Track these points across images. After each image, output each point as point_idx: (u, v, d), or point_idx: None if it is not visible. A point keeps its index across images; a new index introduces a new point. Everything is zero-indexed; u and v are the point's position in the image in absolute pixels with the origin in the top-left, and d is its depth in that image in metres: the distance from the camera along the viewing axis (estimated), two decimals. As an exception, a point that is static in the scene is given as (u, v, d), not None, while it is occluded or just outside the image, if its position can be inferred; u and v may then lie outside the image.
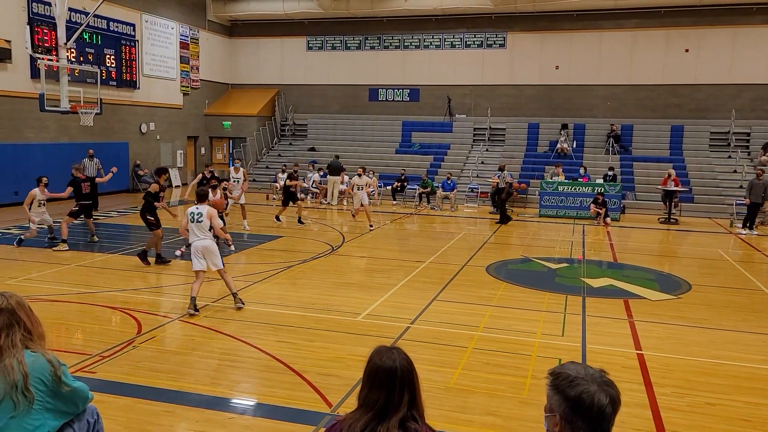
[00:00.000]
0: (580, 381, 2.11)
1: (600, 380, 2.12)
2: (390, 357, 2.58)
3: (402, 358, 2.59)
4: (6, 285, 9.53)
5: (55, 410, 3.28)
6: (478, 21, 27.48)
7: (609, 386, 2.12)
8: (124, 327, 7.86)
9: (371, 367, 2.59)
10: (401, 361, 2.57)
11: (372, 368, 2.58)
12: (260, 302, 9.05)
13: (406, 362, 2.58)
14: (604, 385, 2.11)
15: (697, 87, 25.41)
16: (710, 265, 13.15)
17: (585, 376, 2.12)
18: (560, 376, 2.16)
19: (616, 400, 2.11)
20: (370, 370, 2.59)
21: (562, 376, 2.15)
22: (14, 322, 3.27)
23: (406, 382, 2.54)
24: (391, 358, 2.57)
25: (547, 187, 20.53)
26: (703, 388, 6.29)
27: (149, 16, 25.34)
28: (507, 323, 8.34)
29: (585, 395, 2.08)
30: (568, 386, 2.12)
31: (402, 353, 2.63)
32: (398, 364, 2.55)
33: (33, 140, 20.02)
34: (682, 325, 8.50)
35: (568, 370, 2.16)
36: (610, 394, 2.10)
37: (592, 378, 2.12)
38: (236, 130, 29.31)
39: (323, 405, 5.62)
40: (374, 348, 2.69)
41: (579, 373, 2.14)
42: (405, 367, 2.56)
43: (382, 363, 2.56)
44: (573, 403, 2.09)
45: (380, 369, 2.55)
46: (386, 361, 2.56)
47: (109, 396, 5.58)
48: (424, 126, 28.13)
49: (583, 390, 2.09)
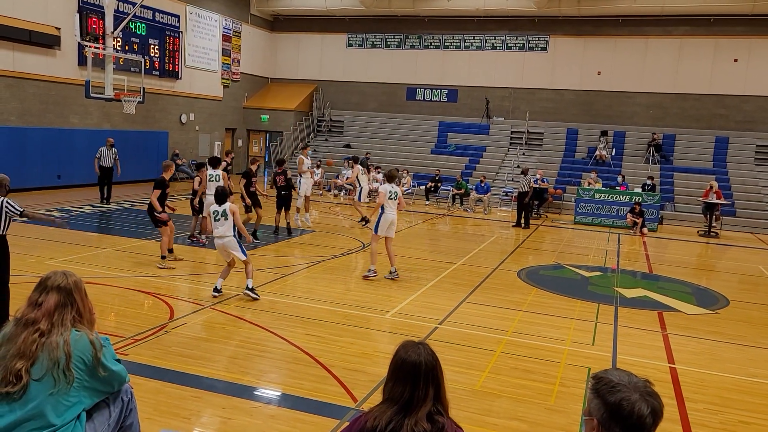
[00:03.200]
0: (622, 388, 2.07)
1: (643, 389, 2.08)
2: (415, 351, 2.59)
3: (427, 353, 2.60)
4: (46, 265, 9.78)
5: (91, 389, 3.34)
6: (520, 23, 27.22)
7: (652, 397, 2.07)
8: (157, 312, 7.99)
9: (396, 361, 2.61)
10: (426, 355, 2.58)
11: (397, 362, 2.60)
12: (290, 295, 9.11)
13: (431, 357, 2.58)
14: (647, 395, 2.06)
15: (744, 98, 24.72)
16: (750, 281, 12.79)
17: (627, 384, 2.08)
18: (602, 381, 2.12)
19: (658, 411, 2.06)
20: (396, 363, 2.61)
21: (604, 381, 2.11)
22: (69, 302, 3.36)
23: (431, 377, 2.54)
24: (416, 353, 2.58)
25: (584, 194, 20.23)
26: (738, 406, 6.11)
27: (194, 8, 25.73)
28: (537, 329, 8.23)
29: (625, 402, 2.04)
30: (608, 391, 2.08)
31: (427, 348, 2.63)
32: (423, 359, 2.56)
33: (77, 126, 20.52)
34: (718, 341, 8.27)
35: (611, 376, 2.12)
36: (652, 405, 2.05)
37: (635, 386, 2.08)
38: (273, 123, 29.58)
39: (348, 399, 5.62)
40: (401, 342, 2.70)
41: (622, 379, 2.10)
42: (429, 362, 2.57)
43: (407, 357, 2.58)
44: (612, 410, 2.05)
45: (405, 363, 2.57)
46: (411, 356, 2.58)
47: (139, 378, 5.67)
48: (460, 127, 27.97)
49: (623, 397, 2.04)
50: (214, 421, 5.18)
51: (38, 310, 3.30)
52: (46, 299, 3.32)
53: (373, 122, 29.44)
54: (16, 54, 18.18)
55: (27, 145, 18.62)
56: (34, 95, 18.96)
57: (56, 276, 3.40)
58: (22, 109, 18.62)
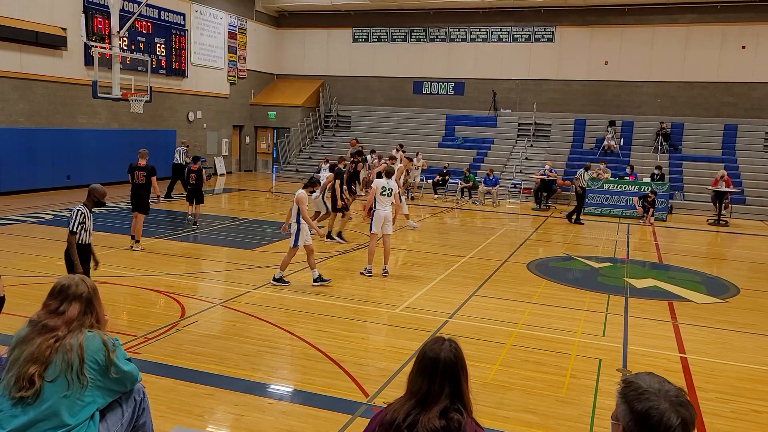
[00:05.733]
0: (651, 396, 1.94)
1: (674, 399, 1.94)
2: (438, 347, 2.61)
3: (449, 349, 2.60)
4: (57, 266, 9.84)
5: (104, 389, 3.37)
6: (526, 14, 27.08)
7: (683, 407, 1.93)
8: (168, 310, 8.06)
9: (420, 355, 2.65)
10: (446, 352, 2.58)
11: (420, 355, 2.64)
12: (301, 291, 9.15)
13: (452, 354, 2.58)
14: (678, 405, 1.92)
15: (753, 85, 24.51)
16: (761, 269, 12.72)
17: (657, 391, 1.95)
18: (631, 386, 1.99)
19: (689, 423, 1.91)
20: (419, 357, 2.65)
21: (633, 387, 1.99)
22: (89, 311, 3.42)
23: (448, 374, 2.54)
24: (438, 349, 2.60)
25: (593, 184, 20.15)
26: (750, 394, 6.10)
27: (199, 5, 25.77)
28: (547, 321, 8.23)
29: (653, 412, 1.91)
30: (636, 398, 1.95)
31: (452, 345, 2.63)
32: (442, 356, 2.57)
33: (85, 126, 20.63)
34: (729, 329, 8.25)
35: (641, 381, 2.00)
36: (683, 416, 1.91)
37: (665, 395, 1.94)
38: (280, 120, 29.61)
39: (360, 395, 5.66)
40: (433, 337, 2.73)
41: (652, 386, 1.97)
42: (449, 359, 2.57)
43: (429, 352, 2.61)
44: (638, 417, 1.94)
45: (425, 357, 2.60)
46: (433, 350, 2.61)
47: (152, 376, 5.72)
48: (468, 120, 27.90)
49: (652, 406, 1.92)
50: (227, 417, 5.22)
51: (59, 318, 3.31)
52: (69, 308, 3.34)
53: (380, 116, 29.41)
54: (23, 55, 18.29)
55: (36, 146, 18.75)
56: (42, 96, 19.07)
57: (77, 284, 3.42)
58: (30, 110, 18.74)
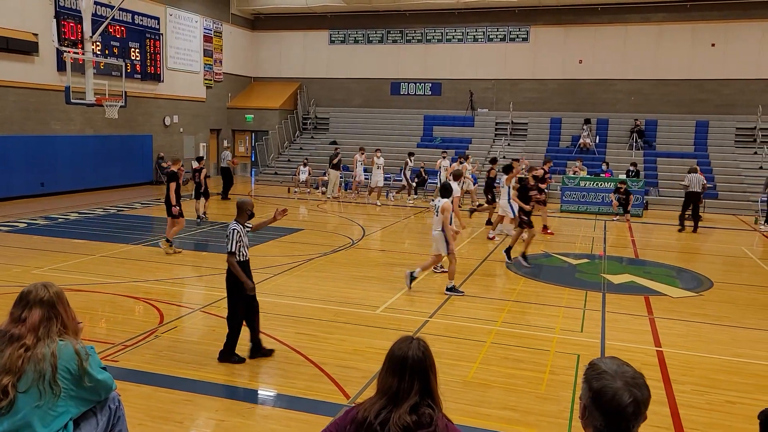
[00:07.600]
0: (607, 376, 2.12)
1: (630, 379, 2.11)
2: (405, 346, 2.63)
3: (417, 348, 2.62)
4: (32, 275, 9.73)
5: (78, 398, 3.34)
6: (501, 14, 27.29)
7: (637, 388, 2.09)
8: (147, 317, 7.99)
9: (388, 354, 2.68)
10: (414, 350, 2.61)
11: (388, 355, 2.66)
12: (280, 294, 9.12)
13: (420, 352, 2.61)
14: (632, 386, 2.09)
15: (723, 82, 24.96)
16: (734, 263, 12.96)
17: (614, 372, 2.12)
18: (593, 368, 2.19)
19: (641, 402, 2.08)
20: (387, 356, 2.67)
21: (594, 368, 2.18)
22: (53, 315, 3.35)
23: (417, 372, 2.57)
24: (407, 347, 2.62)
25: (569, 182, 20.37)
26: (724, 386, 6.22)
27: (173, 9, 25.56)
28: (526, 318, 8.32)
29: (607, 389, 2.09)
30: (594, 377, 2.14)
31: (420, 344, 2.66)
32: (410, 354, 2.60)
33: (59, 132, 20.34)
34: (704, 322, 8.40)
35: (601, 363, 2.18)
36: (635, 395, 2.08)
37: (621, 375, 2.12)
38: (258, 123, 29.48)
39: (341, 397, 5.67)
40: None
41: (609, 368, 2.15)
42: (416, 357, 2.60)
43: (397, 350, 2.64)
44: (595, 395, 2.12)
45: (394, 356, 2.63)
46: (400, 349, 2.63)
47: (130, 384, 5.68)
48: (445, 120, 28.02)
49: (606, 384, 2.10)
50: (208, 423, 5.20)
51: (22, 325, 3.27)
52: (30, 314, 3.29)
53: (358, 118, 29.41)
54: (-6, 62, 17.99)
55: (9, 153, 18.46)
56: (15, 103, 18.76)
57: (37, 289, 3.37)
58: (2, 117, 18.42)
